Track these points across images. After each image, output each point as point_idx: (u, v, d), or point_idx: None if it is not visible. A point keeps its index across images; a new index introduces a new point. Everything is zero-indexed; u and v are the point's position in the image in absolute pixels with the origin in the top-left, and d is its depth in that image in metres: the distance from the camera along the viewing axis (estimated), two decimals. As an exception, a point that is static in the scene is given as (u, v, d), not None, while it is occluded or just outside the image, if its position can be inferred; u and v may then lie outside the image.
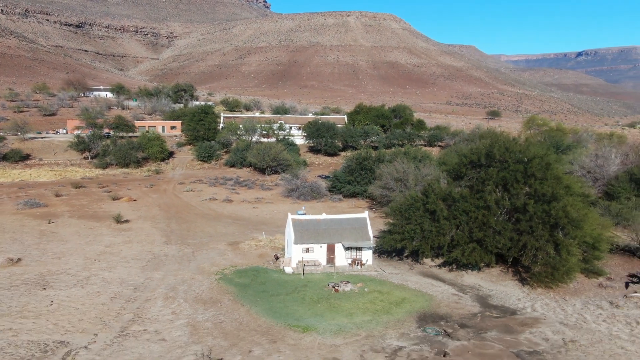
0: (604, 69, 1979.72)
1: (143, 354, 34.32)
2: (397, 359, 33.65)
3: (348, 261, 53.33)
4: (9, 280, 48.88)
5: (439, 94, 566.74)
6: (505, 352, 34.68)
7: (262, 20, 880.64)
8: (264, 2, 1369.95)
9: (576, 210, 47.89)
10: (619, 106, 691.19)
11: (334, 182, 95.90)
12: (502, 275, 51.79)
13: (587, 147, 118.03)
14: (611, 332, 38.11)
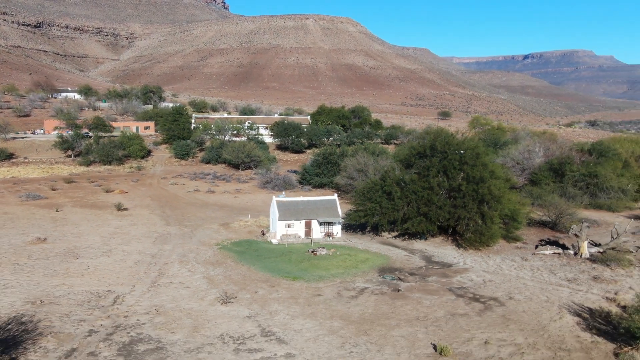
0: (549, 71, 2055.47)
1: (175, 295, 45.19)
2: (364, 294, 45.67)
3: (322, 234, 65.17)
4: (44, 253, 58.46)
5: (395, 95, 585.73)
6: (442, 288, 47.17)
7: (223, 22, 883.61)
8: (223, 3, 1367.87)
9: (498, 189, 61.16)
10: (560, 107, 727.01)
11: (304, 175, 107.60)
12: (443, 242, 64.69)
13: (522, 143, 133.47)
14: (518, 275, 51.21)
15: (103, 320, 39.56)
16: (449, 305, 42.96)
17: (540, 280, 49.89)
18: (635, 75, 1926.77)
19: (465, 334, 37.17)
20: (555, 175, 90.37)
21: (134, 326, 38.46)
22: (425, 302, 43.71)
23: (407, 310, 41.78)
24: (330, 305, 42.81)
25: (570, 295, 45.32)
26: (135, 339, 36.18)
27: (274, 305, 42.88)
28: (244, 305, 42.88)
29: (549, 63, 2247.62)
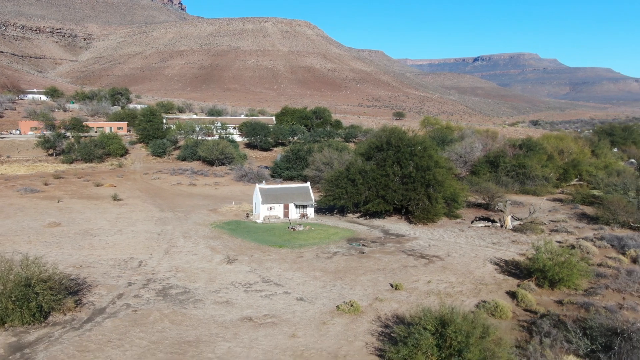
0: (497, 73, 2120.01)
1: (188, 259, 56.06)
2: (336, 255, 57.67)
3: (298, 215, 76.90)
4: (64, 233, 68.01)
5: (352, 96, 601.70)
6: (396, 250, 59.68)
7: (182, 24, 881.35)
8: (180, 4, 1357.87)
9: (441, 176, 74.34)
10: (507, 107, 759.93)
11: (275, 169, 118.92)
12: (397, 219, 77.47)
13: (466, 140, 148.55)
14: (456, 241, 64.34)
15: (136, 276, 50.21)
16: (401, 260, 55.51)
17: (472, 244, 63.15)
18: (577, 77, 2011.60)
19: (413, 277, 49.70)
20: (491, 166, 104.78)
21: (162, 279, 49.32)
22: (384, 259, 56.12)
23: (370, 265, 54.08)
24: (312, 263, 54.69)
25: (493, 252, 58.66)
26: (167, 287, 47.11)
27: (268, 263, 54.44)
28: (244, 264, 54.27)
29: (497, 65, 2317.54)
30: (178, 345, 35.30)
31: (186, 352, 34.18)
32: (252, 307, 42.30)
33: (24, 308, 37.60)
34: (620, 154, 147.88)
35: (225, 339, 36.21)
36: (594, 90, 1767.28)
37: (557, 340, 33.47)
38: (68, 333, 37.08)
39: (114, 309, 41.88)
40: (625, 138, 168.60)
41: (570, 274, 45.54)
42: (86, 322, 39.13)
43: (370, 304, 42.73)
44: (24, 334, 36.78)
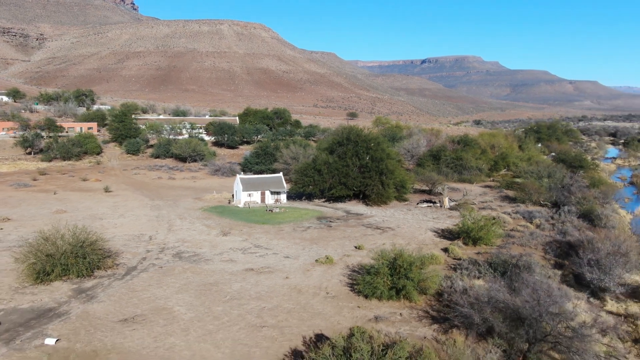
0: (443, 75, 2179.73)
1: (189, 234, 67.50)
2: (310, 228, 70.38)
3: (273, 200, 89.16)
4: (73, 218, 77.72)
5: (307, 97, 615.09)
6: (357, 224, 72.92)
7: (138, 25, 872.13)
8: (132, 4, 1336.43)
9: (392, 166, 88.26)
10: (452, 108, 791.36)
11: (245, 163, 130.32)
12: (356, 203, 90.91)
13: (413, 137, 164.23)
14: (404, 217, 78.25)
15: (151, 246, 61.46)
16: (362, 231, 68.83)
17: (417, 219, 77.22)
18: (517, 79, 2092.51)
19: (371, 241, 62.99)
20: (434, 159, 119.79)
21: (173, 247, 60.78)
22: (348, 230, 69.31)
23: (337, 234, 67.13)
24: (291, 234, 67.28)
25: (433, 224, 72.80)
26: (179, 252, 58.67)
27: (256, 235, 66.68)
28: (237, 235, 66.31)
29: (443, 67, 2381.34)
30: (202, 285, 47.26)
31: (210, 289, 46.20)
32: (251, 262, 54.55)
33: (81, 263, 48.68)
34: (543, 148, 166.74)
35: (237, 281, 48.41)
36: (532, 92, 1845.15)
37: (471, 271, 47.43)
38: (115, 282, 48.37)
39: (144, 266, 53.26)
40: (550, 135, 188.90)
41: (487, 234, 59.99)
42: (125, 275, 50.44)
43: (341, 258, 55.74)
44: (81, 283, 47.80)
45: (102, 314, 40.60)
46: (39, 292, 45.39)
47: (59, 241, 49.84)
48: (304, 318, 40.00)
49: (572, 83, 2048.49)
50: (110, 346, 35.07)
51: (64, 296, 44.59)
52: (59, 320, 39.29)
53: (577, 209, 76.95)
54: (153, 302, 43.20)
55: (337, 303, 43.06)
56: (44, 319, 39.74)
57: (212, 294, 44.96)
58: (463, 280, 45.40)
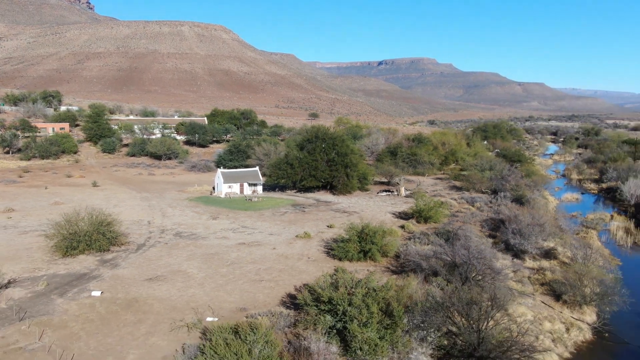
0: (399, 76, 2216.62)
1: (183, 219, 76.61)
2: (287, 213, 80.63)
3: (250, 191, 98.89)
4: (72, 208, 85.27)
5: (268, 98, 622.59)
6: (327, 209, 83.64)
7: (97, 26, 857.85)
8: (88, 3, 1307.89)
9: (355, 160, 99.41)
10: (408, 108, 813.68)
11: (220, 160, 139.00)
12: (325, 193, 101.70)
13: (372, 136, 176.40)
14: (367, 203, 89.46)
15: (151, 228, 70.45)
16: (331, 214, 79.59)
17: (378, 205, 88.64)
18: (470, 81, 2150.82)
19: (340, 222, 73.71)
20: (392, 155, 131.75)
21: (172, 229, 69.95)
22: (320, 214, 79.96)
23: (311, 217, 77.67)
24: (271, 217, 77.42)
25: (391, 208, 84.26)
26: (178, 233, 67.94)
27: (241, 219, 76.49)
28: (225, 219, 75.95)
29: (399, 69, 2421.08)
30: (206, 255, 56.94)
31: (213, 257, 55.95)
32: (242, 239, 64.46)
33: (102, 239, 57.59)
34: (489, 145, 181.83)
35: (233, 252, 58.29)
36: (484, 93, 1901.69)
37: (422, 240, 58.91)
38: (130, 254, 57.46)
39: (151, 243, 62.43)
40: (495, 134, 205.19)
41: (436, 214, 71.79)
42: (137, 249, 59.55)
43: (316, 234, 66.33)
44: (102, 256, 56.66)
45: (130, 276, 49.84)
46: (69, 263, 54.09)
47: (81, 223, 58.56)
48: (293, 274, 50.36)
49: (521, 85, 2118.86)
50: (145, 295, 44.55)
51: (91, 265, 53.48)
52: (96, 281, 48.36)
53: (511, 195, 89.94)
54: (169, 267, 52.68)
55: (317, 264, 53.59)
56: (82, 280, 48.71)
57: (216, 261, 54.75)
58: (415, 245, 56.79)
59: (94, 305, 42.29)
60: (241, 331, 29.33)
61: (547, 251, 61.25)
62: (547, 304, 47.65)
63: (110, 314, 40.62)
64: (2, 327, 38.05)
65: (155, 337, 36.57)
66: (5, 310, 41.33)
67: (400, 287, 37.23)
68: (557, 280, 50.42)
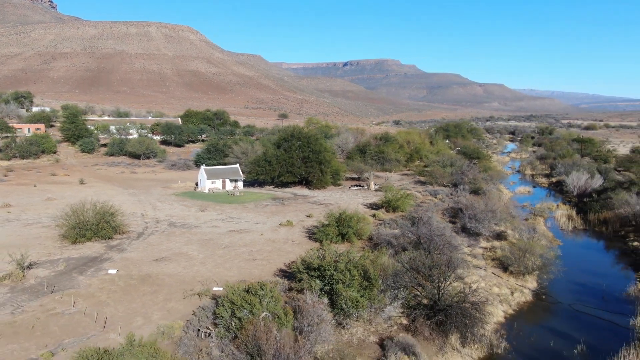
0: (364, 77, 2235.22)
1: (173, 211, 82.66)
2: (268, 205, 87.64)
3: (232, 187, 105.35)
4: (65, 203, 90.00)
5: (237, 99, 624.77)
6: (304, 202, 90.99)
7: (62, 26, 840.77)
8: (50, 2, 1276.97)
9: (328, 157, 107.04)
10: (374, 109, 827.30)
11: (198, 158, 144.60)
12: (301, 187, 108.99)
13: (342, 135, 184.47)
14: (340, 196, 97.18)
15: (146, 220, 76.38)
16: (309, 206, 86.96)
17: (350, 197, 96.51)
18: (433, 82, 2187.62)
19: (318, 212, 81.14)
20: (361, 153, 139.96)
21: (165, 220, 76.04)
22: (299, 206, 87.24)
23: (291, 208, 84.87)
24: (255, 209, 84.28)
25: (363, 200, 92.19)
26: (172, 223, 74.11)
27: (227, 210, 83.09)
28: (212, 211, 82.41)
29: (364, 70, 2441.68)
30: (202, 240, 63.53)
31: (208, 242, 62.58)
32: (231, 227, 71.20)
33: (107, 228, 63.50)
34: (450, 144, 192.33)
35: (226, 238, 65.02)
36: (446, 94, 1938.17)
37: (391, 225, 66.91)
38: (133, 241, 63.55)
39: (149, 232, 68.53)
40: (456, 133, 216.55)
41: (403, 204, 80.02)
42: (138, 237, 65.63)
43: (298, 222, 73.60)
44: (107, 243, 62.55)
45: (138, 258, 56.09)
46: (79, 249, 59.87)
47: (87, 213, 64.29)
48: (281, 254, 57.53)
49: (482, 86, 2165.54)
50: (156, 272, 51.01)
51: (100, 250, 59.40)
52: (108, 262, 54.44)
53: (469, 187, 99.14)
54: (170, 250, 59.11)
55: (301, 246, 60.85)
56: (95, 262, 54.73)
57: (211, 245, 61.44)
58: (385, 229, 64.75)
59: (113, 280, 48.55)
60: (251, 289, 36.44)
61: (499, 233, 70.20)
62: (496, 275, 56.30)
63: (129, 286, 47.03)
64: (38, 298, 44.06)
65: (172, 303, 43.28)
66: (35, 285, 47.22)
67: (375, 257, 44.93)
68: (505, 255, 59.11)
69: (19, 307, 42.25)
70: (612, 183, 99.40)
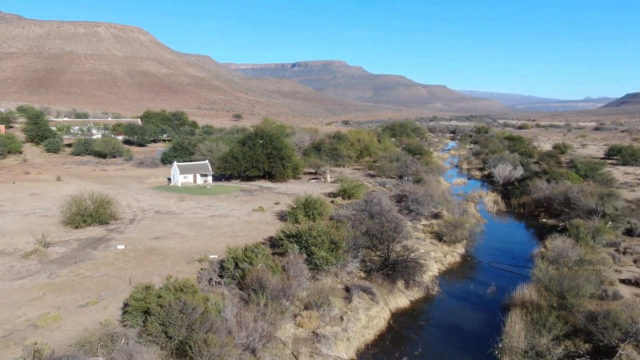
0: (312, 78, 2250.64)
1: (155, 202, 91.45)
2: (238, 196, 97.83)
3: (202, 181, 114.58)
4: (50, 197, 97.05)
5: (190, 100, 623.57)
6: (270, 193, 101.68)
7: (7, 25, 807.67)
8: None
9: (289, 153, 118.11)
10: (322, 110, 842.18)
11: (165, 157, 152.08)
12: (265, 181, 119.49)
13: (297, 134, 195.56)
14: (301, 187, 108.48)
15: (133, 209, 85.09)
16: (275, 196, 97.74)
17: (310, 188, 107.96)
18: (378, 83, 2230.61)
19: (283, 200, 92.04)
20: (316, 150, 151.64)
21: (150, 209, 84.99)
22: (265, 196, 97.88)
23: (259, 198, 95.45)
24: (227, 199, 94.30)
25: (321, 190, 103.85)
26: (157, 211, 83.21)
27: (204, 200, 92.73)
28: (190, 201, 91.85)
29: (312, 71, 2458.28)
30: (189, 224, 73.29)
31: (195, 225, 72.44)
32: (211, 213, 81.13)
33: (105, 214, 72.22)
34: (396, 142, 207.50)
35: (209, 221, 75.03)
36: (392, 94, 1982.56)
37: (347, 207, 78.90)
38: (128, 225, 72.59)
39: (140, 218, 77.57)
40: (401, 132, 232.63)
41: (357, 192, 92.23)
42: (131, 222, 74.64)
43: (268, 208, 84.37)
44: (106, 227, 71.34)
45: (138, 237, 65.43)
46: (83, 232, 68.46)
47: (86, 202, 72.74)
48: (259, 232, 68.27)
49: (426, 87, 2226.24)
50: (158, 247, 60.71)
51: (102, 232, 68.23)
52: (113, 241, 63.56)
53: (413, 178, 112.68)
54: (164, 231, 68.69)
55: (274, 226, 71.76)
56: (102, 241, 63.72)
57: (198, 227, 71.39)
58: (344, 210, 76.60)
59: (124, 252, 57.97)
60: (248, 248, 47.24)
61: (436, 214, 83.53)
62: (433, 243, 69.28)
63: (139, 256, 56.66)
64: (66, 267, 53.06)
65: (179, 267, 53.33)
66: (59, 258, 56.03)
67: (338, 227, 56.58)
68: (440, 229, 72.20)
69: (53, 273, 51.23)
70: (530, 173, 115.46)
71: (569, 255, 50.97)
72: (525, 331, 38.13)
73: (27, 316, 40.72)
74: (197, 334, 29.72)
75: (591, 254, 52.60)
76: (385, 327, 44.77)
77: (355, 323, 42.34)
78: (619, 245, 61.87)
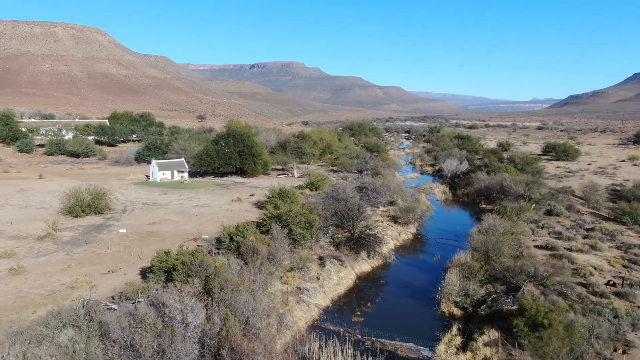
0: (271, 79, 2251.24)
1: (140, 195, 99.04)
2: (215, 189, 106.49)
3: (179, 177, 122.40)
4: (40, 192, 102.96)
5: (151, 101, 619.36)
6: (243, 187, 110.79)
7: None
8: None
9: (259, 150, 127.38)
10: (283, 111, 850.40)
11: (139, 155, 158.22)
12: (237, 176, 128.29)
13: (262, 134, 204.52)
14: (271, 182, 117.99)
15: (122, 202, 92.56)
16: (248, 189, 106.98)
17: (279, 182, 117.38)
18: (336, 84, 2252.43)
19: (257, 192, 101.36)
20: (282, 148, 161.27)
21: (138, 201, 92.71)
22: (240, 189, 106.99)
23: (235, 191, 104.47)
24: (206, 192, 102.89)
25: (290, 184, 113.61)
26: (145, 202, 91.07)
27: (185, 194, 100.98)
28: (173, 194, 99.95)
29: (271, 72, 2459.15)
30: (177, 212, 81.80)
31: (183, 213, 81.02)
32: (194, 204, 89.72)
33: (101, 204, 79.89)
34: (355, 140, 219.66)
35: (194, 210, 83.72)
36: (349, 96, 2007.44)
37: (315, 197, 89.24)
38: (122, 215, 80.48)
39: (131, 208, 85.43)
40: (360, 132, 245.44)
41: (322, 184, 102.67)
42: (124, 212, 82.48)
43: (245, 199, 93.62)
44: (102, 216, 79.03)
45: (135, 223, 73.61)
46: (83, 220, 76.01)
47: (84, 193, 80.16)
48: (240, 218, 77.46)
49: (382, 88, 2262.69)
50: (156, 230, 69.22)
51: (100, 220, 75.99)
52: (114, 227, 71.58)
53: (371, 172, 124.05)
54: (157, 218, 77.06)
55: (253, 213, 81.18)
56: (103, 227, 71.64)
57: (186, 215, 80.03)
58: (312, 199, 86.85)
59: (127, 235, 66.28)
60: (240, 225, 56.79)
61: (392, 202, 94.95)
62: (390, 225, 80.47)
63: (141, 238, 65.14)
64: (79, 247, 61.08)
65: (178, 244, 62.07)
66: (70, 240, 63.86)
67: (312, 210, 66.79)
68: (396, 213, 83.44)
69: (70, 251, 59.22)
70: (474, 167, 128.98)
71: (496, 228, 62.94)
72: (459, 280, 49.40)
73: (61, 281, 49.01)
74: (215, 280, 39.22)
75: (514, 227, 64.73)
76: (353, 285, 55.37)
77: (329, 281, 52.69)
78: (540, 222, 74.77)
